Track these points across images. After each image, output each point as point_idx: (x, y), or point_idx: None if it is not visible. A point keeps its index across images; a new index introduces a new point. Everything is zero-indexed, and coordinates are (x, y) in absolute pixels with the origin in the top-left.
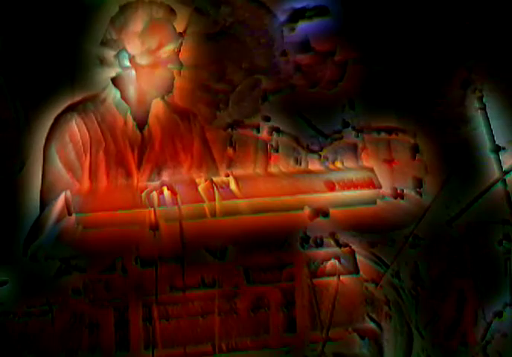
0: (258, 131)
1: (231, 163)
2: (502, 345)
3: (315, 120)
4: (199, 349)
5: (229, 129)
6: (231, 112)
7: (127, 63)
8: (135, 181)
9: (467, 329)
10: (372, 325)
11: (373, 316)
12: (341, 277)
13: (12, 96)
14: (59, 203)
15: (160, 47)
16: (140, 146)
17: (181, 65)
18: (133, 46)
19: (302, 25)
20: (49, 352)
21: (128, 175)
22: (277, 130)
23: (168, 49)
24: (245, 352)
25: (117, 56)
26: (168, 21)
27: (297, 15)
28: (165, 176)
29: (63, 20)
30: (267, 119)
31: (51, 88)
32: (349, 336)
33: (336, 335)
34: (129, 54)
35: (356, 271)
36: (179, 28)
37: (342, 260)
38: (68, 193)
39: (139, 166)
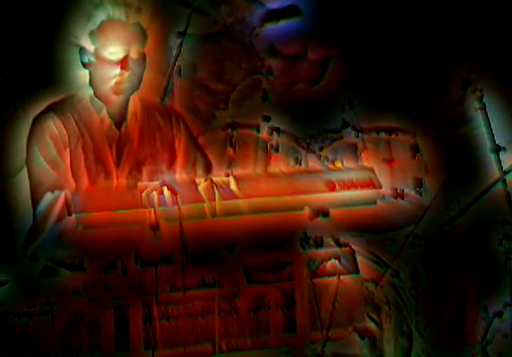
0: (258, 131)
1: (231, 163)
2: (502, 345)
3: (314, 120)
4: (199, 349)
5: (229, 129)
6: (231, 112)
7: (85, 59)
8: (115, 178)
9: (467, 329)
10: (372, 325)
11: (374, 316)
12: (342, 277)
13: (12, 96)
14: (59, 203)
15: (105, 47)
16: (118, 144)
17: (126, 71)
18: (86, 43)
19: (269, 28)
20: (49, 352)
21: (107, 172)
22: (277, 130)
23: (114, 50)
24: (245, 352)
25: (78, 51)
26: (122, 22)
27: (266, 18)
28: (145, 173)
29: (63, 18)
30: (267, 119)
31: (51, 88)
32: (349, 336)
33: (336, 335)
34: (88, 51)
35: (356, 271)
36: (179, 28)
37: (342, 260)
38: (68, 192)
39: (118, 163)
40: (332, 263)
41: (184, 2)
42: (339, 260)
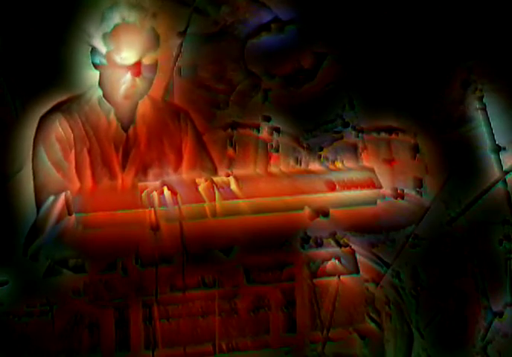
0: (258, 131)
1: (231, 163)
2: (503, 345)
3: (313, 118)
4: (199, 349)
5: (229, 129)
6: (231, 112)
7: (96, 60)
8: (120, 181)
9: (467, 329)
10: (372, 325)
11: (374, 316)
12: (342, 277)
13: (12, 96)
14: (59, 203)
15: (117, 51)
16: (124, 146)
17: (137, 77)
18: (100, 46)
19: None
20: (49, 352)
21: (112, 175)
22: (277, 130)
23: (126, 56)
24: (246, 352)
25: (90, 52)
26: (137, 27)
27: (250, 34)
28: (152, 176)
29: (64, 19)
30: (267, 119)
31: (52, 88)
32: (349, 336)
33: (337, 335)
34: (100, 53)
35: (357, 271)
36: (179, 28)
37: (343, 260)
38: (68, 193)
39: (124, 166)
40: (332, 263)
41: (185, 2)
42: (339, 260)
